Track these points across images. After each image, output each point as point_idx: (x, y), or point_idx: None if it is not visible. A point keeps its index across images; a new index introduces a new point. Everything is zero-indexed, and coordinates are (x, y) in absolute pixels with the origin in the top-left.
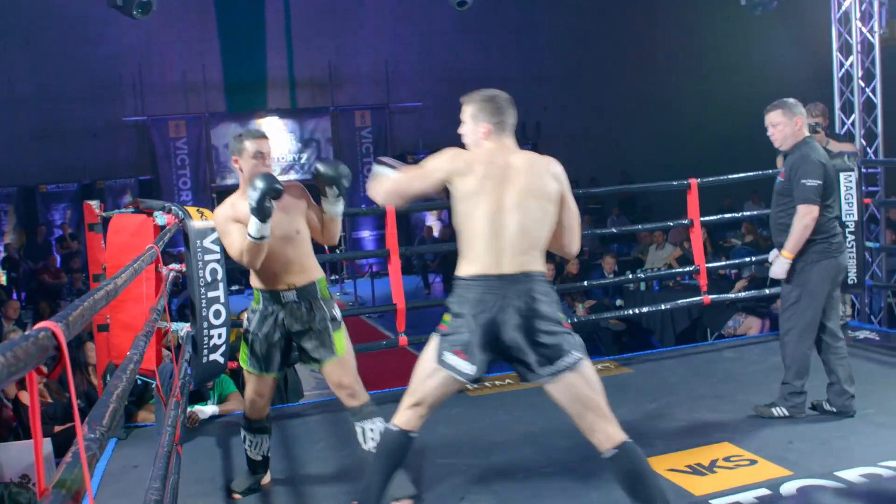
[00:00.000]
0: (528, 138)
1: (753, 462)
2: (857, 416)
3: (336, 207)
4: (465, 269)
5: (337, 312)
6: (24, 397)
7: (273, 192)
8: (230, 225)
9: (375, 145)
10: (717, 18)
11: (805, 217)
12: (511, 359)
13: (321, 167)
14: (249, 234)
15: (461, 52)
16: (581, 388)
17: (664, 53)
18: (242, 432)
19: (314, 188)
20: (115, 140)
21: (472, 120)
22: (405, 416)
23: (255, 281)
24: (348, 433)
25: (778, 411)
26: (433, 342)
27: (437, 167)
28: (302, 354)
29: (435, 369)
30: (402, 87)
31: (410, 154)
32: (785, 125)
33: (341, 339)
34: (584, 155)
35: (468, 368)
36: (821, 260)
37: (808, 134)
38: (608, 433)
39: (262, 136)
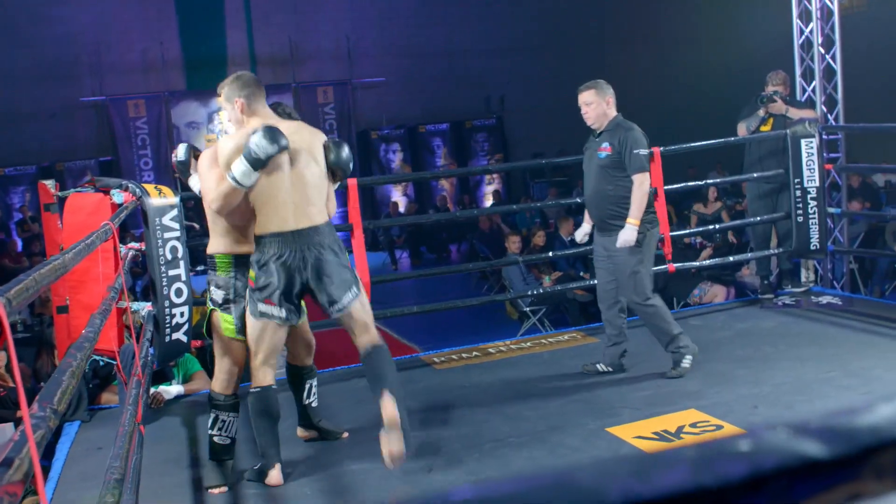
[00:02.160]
0: (493, 111)
1: (719, 427)
2: (821, 379)
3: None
4: (263, 228)
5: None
6: None
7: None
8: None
9: (339, 122)
10: None
11: (644, 184)
12: (313, 298)
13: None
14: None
15: (423, 26)
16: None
17: (622, 25)
18: (214, 415)
19: None
20: (73, 121)
21: (226, 101)
22: (263, 375)
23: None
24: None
25: (686, 361)
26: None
27: (221, 165)
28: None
29: (261, 325)
30: (364, 62)
31: (374, 130)
32: (598, 104)
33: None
34: (549, 127)
35: (278, 312)
36: (651, 229)
37: (616, 112)
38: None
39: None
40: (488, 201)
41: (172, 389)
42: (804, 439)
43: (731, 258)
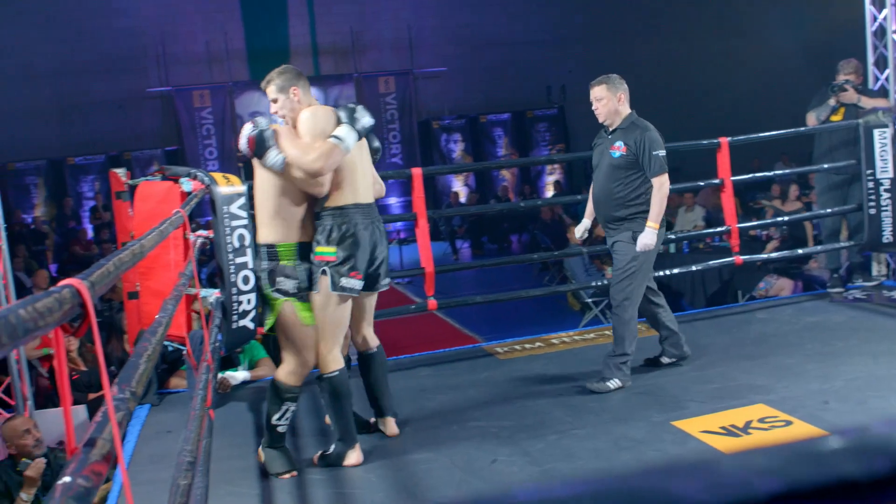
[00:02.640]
0: (554, 102)
1: (789, 423)
2: (894, 375)
3: None
4: (342, 199)
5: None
6: None
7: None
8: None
9: (400, 112)
10: None
11: (664, 186)
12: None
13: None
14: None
15: (483, 15)
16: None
17: (686, 13)
18: (285, 407)
19: None
20: (139, 111)
21: (281, 91)
22: (335, 357)
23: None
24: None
25: (614, 383)
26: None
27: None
28: None
29: (336, 305)
30: (426, 52)
31: (436, 120)
32: (609, 100)
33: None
34: None
35: (360, 284)
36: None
37: (630, 109)
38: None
39: None
40: (549, 192)
41: (239, 375)
42: None
43: (799, 251)
